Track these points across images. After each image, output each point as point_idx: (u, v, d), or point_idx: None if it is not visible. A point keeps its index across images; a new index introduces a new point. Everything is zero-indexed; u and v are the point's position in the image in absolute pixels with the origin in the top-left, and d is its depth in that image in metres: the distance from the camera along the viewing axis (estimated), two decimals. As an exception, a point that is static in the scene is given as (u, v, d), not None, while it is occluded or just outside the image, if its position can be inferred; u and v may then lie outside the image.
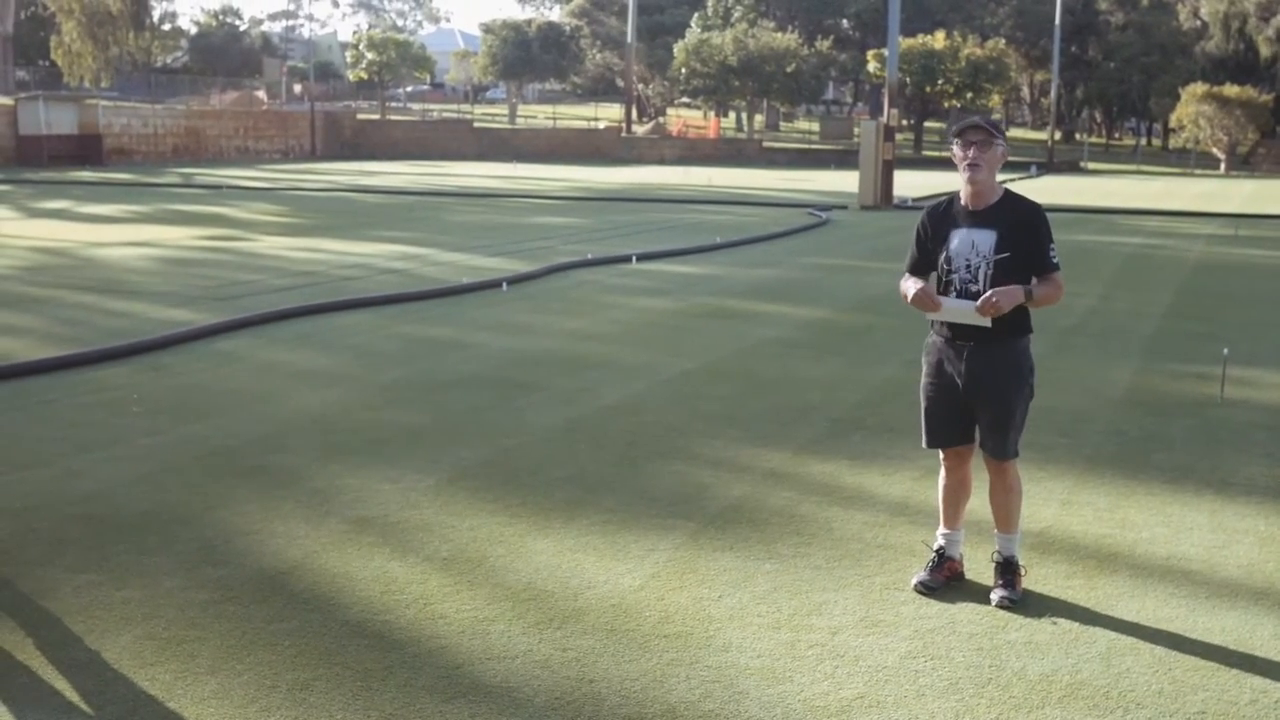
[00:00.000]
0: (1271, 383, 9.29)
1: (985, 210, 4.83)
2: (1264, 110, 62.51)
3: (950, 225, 4.89)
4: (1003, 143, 4.82)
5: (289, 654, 4.35)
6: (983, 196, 4.83)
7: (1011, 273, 4.74)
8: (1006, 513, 5.00)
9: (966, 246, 4.82)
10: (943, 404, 4.98)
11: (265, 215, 24.62)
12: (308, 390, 8.67)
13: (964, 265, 4.81)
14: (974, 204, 4.85)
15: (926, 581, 5.02)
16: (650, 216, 25.29)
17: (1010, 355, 4.85)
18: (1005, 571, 4.95)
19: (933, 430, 5.06)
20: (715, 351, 10.35)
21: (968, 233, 4.83)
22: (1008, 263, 4.75)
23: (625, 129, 67.53)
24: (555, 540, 5.58)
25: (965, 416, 4.96)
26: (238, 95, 70.42)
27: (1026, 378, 4.92)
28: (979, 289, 4.76)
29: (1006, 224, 4.79)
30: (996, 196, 4.85)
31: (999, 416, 4.88)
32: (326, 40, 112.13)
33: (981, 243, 4.79)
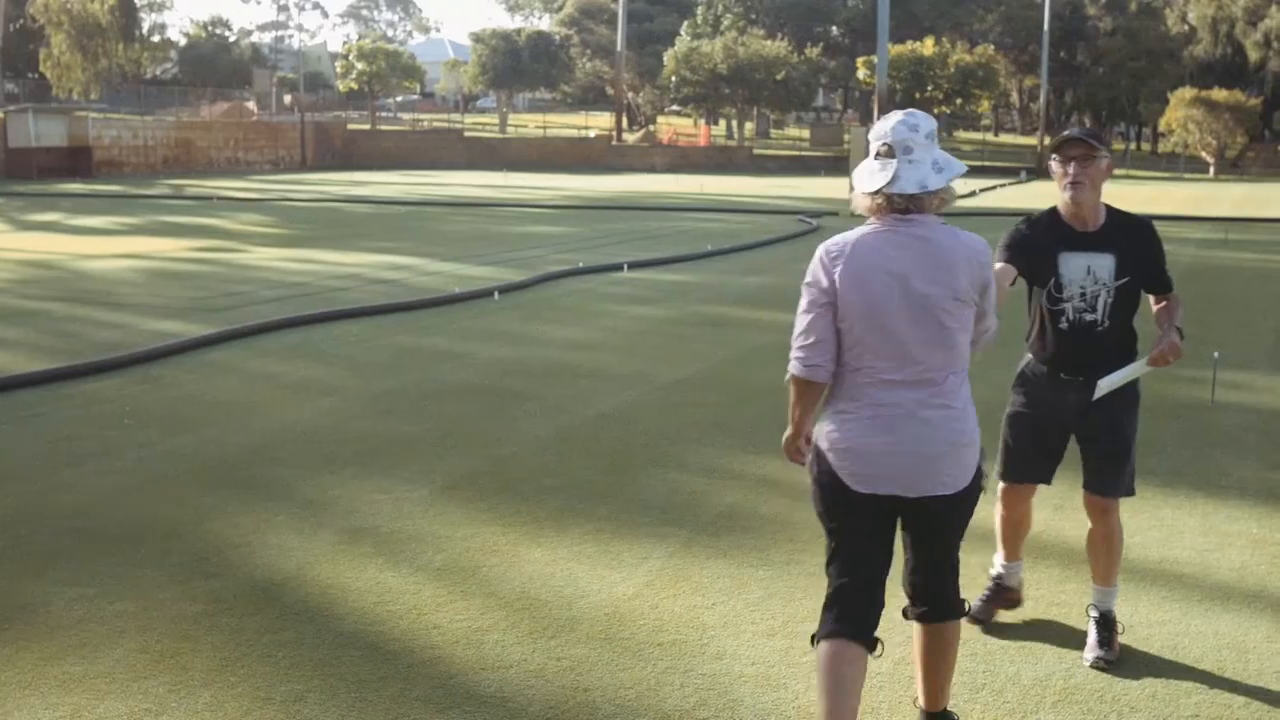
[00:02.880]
0: (1262, 386, 9.32)
1: (1097, 232, 4.37)
2: (1252, 114, 62.75)
3: (1057, 246, 4.37)
4: (1108, 155, 4.33)
5: (283, 665, 4.35)
6: (1090, 216, 4.37)
7: (1130, 298, 4.38)
8: (1108, 562, 4.49)
9: (1081, 272, 4.34)
10: (1032, 439, 4.55)
11: (256, 226, 24.60)
12: (300, 401, 8.66)
13: (1079, 293, 4.35)
14: (1081, 224, 4.37)
15: (978, 613, 4.68)
16: (641, 225, 25.31)
17: (1128, 385, 4.41)
18: (1102, 628, 4.45)
19: (1014, 464, 4.61)
20: (707, 359, 10.35)
21: (1082, 257, 4.34)
22: (1127, 288, 4.36)
23: (615, 137, 67.60)
24: (548, 549, 5.57)
25: (1054, 457, 4.58)
26: (228, 106, 70.36)
27: (1136, 406, 4.49)
28: (1095, 318, 4.35)
29: (1122, 245, 4.35)
30: (1104, 215, 4.40)
31: (1114, 451, 4.42)
32: (316, 51, 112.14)
33: (1100, 268, 4.33)
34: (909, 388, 3.41)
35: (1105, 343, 4.40)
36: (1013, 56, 76.84)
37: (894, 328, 3.40)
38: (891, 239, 3.44)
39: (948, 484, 3.44)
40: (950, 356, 3.43)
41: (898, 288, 3.39)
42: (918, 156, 3.41)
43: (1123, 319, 4.41)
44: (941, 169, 3.43)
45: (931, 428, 3.40)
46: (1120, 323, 4.41)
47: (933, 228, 3.44)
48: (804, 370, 3.51)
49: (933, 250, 3.41)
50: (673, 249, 19.60)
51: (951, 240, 3.44)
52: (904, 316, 3.39)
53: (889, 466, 3.42)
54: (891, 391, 3.42)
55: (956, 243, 3.44)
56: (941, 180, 3.43)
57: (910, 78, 65.31)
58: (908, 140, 3.42)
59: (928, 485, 3.43)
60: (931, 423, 3.40)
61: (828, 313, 3.50)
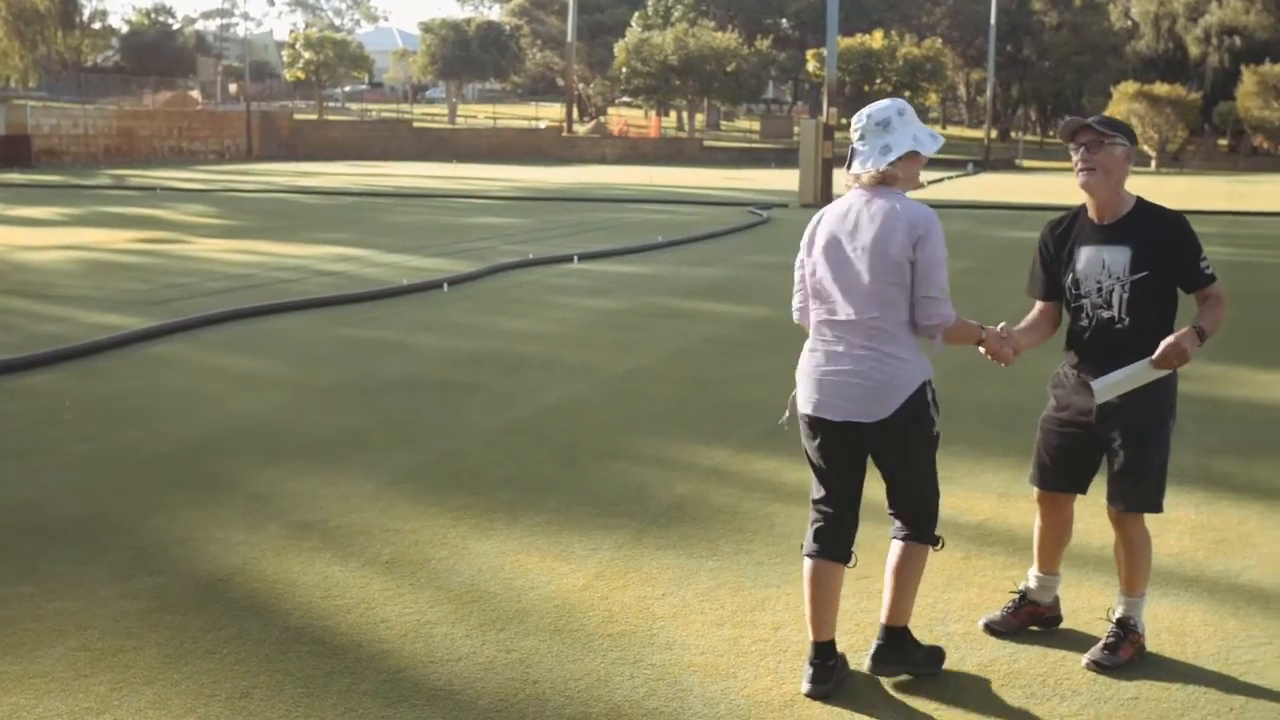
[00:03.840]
0: (1200, 375, 9.45)
1: (1115, 224, 4.23)
2: (1193, 108, 63.65)
3: (1076, 242, 4.30)
4: (1124, 143, 4.18)
5: (228, 662, 4.31)
6: (1108, 207, 4.23)
7: (1151, 295, 4.20)
8: (1128, 573, 4.36)
9: (1096, 266, 4.23)
10: (1059, 445, 4.41)
11: (200, 217, 24.33)
12: (246, 394, 8.59)
13: (1095, 288, 4.24)
14: (1100, 216, 4.26)
15: (996, 624, 4.54)
16: (592, 216, 25.29)
17: (1155, 390, 4.22)
18: (1116, 632, 4.35)
19: (1038, 468, 4.49)
20: (657, 351, 10.36)
21: (1097, 250, 4.24)
22: (1146, 283, 4.18)
23: (566, 128, 67.43)
24: (498, 542, 5.56)
25: (1080, 463, 4.41)
26: (171, 95, 69.47)
27: (1168, 418, 4.30)
28: (1112, 315, 4.22)
29: (1141, 239, 4.20)
30: (1128, 207, 4.24)
31: (1133, 460, 4.24)
32: (262, 39, 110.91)
33: (1113, 261, 4.20)
34: (844, 328, 4.03)
35: (1127, 342, 4.22)
36: (960, 50, 77.47)
37: (835, 276, 4.03)
38: (848, 206, 4.08)
39: (865, 414, 4.00)
40: (883, 307, 3.96)
41: (842, 244, 4.02)
42: (868, 143, 4.04)
43: (1147, 317, 4.22)
44: (890, 150, 3.99)
45: (853, 361, 4.00)
46: (1144, 321, 4.22)
47: (887, 196, 4.00)
48: (793, 315, 4.30)
49: (876, 215, 3.97)
50: (623, 240, 19.60)
51: (897, 208, 3.97)
52: (842, 268, 4.02)
53: (819, 391, 4.08)
54: (831, 329, 4.07)
55: (900, 211, 3.96)
56: (884, 161, 3.99)
57: (859, 70, 65.68)
58: (862, 129, 4.08)
59: (848, 411, 4.02)
60: (855, 359, 4.00)
61: (803, 266, 4.19)
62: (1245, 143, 71.11)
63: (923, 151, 4.03)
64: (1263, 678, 4.24)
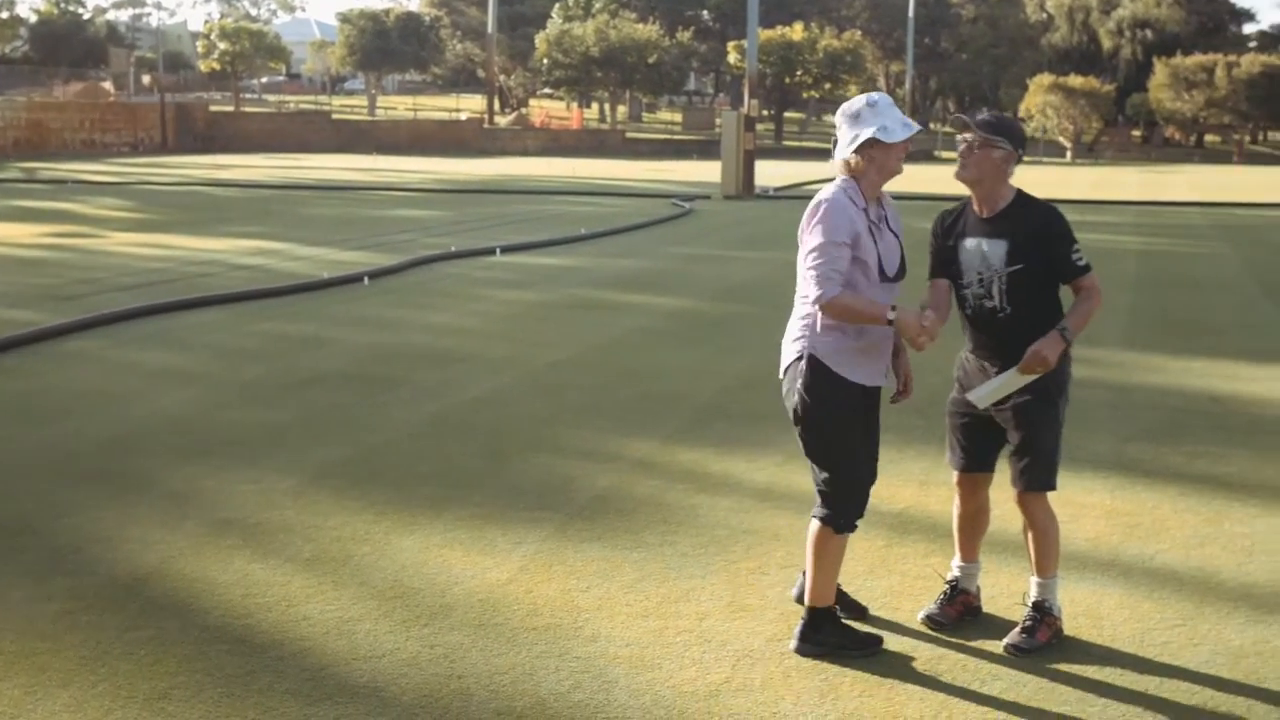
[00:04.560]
0: (1114, 362, 9.65)
1: (994, 217, 4.37)
2: (1107, 100, 64.91)
3: (961, 234, 4.45)
4: (1005, 146, 4.31)
5: (146, 663, 4.24)
6: (987, 202, 4.38)
7: (1029, 286, 4.32)
8: (1037, 554, 4.47)
9: (976, 258, 4.38)
10: (963, 425, 4.57)
11: (114, 211, 23.85)
12: (162, 391, 8.44)
13: (976, 279, 4.39)
14: (982, 210, 4.40)
15: (935, 615, 4.60)
16: (514, 208, 25.18)
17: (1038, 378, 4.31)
18: (1031, 615, 4.45)
19: (952, 448, 4.66)
20: (581, 343, 10.35)
21: (977, 243, 4.38)
22: (1023, 275, 4.32)
23: (487, 120, 67.07)
24: (421, 537, 5.52)
25: (987, 442, 4.55)
26: (83, 86, 67.96)
27: (1055, 398, 4.41)
28: (995, 304, 4.36)
29: (1017, 232, 4.32)
30: (1006, 201, 4.39)
31: (1022, 442, 4.39)
32: (176, 30, 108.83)
33: (992, 254, 4.34)
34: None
35: (1010, 331, 4.34)
36: (879, 42, 78.26)
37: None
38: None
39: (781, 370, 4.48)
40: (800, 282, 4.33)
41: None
42: (841, 134, 4.34)
43: (1029, 306, 4.33)
44: (856, 140, 4.26)
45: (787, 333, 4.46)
46: (1027, 310, 4.33)
47: (835, 185, 4.32)
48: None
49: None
50: (546, 233, 19.55)
51: (820, 195, 4.32)
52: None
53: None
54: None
55: (818, 198, 4.31)
56: (847, 150, 4.28)
57: (780, 62, 66.08)
58: (838, 122, 4.39)
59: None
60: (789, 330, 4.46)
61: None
62: (1157, 133, 72.66)
63: (885, 139, 4.21)
64: (1177, 658, 4.34)
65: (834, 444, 4.35)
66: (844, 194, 4.29)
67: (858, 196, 4.29)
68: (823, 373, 4.29)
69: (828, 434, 4.33)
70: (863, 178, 4.30)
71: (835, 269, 4.18)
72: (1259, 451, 7.08)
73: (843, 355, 4.30)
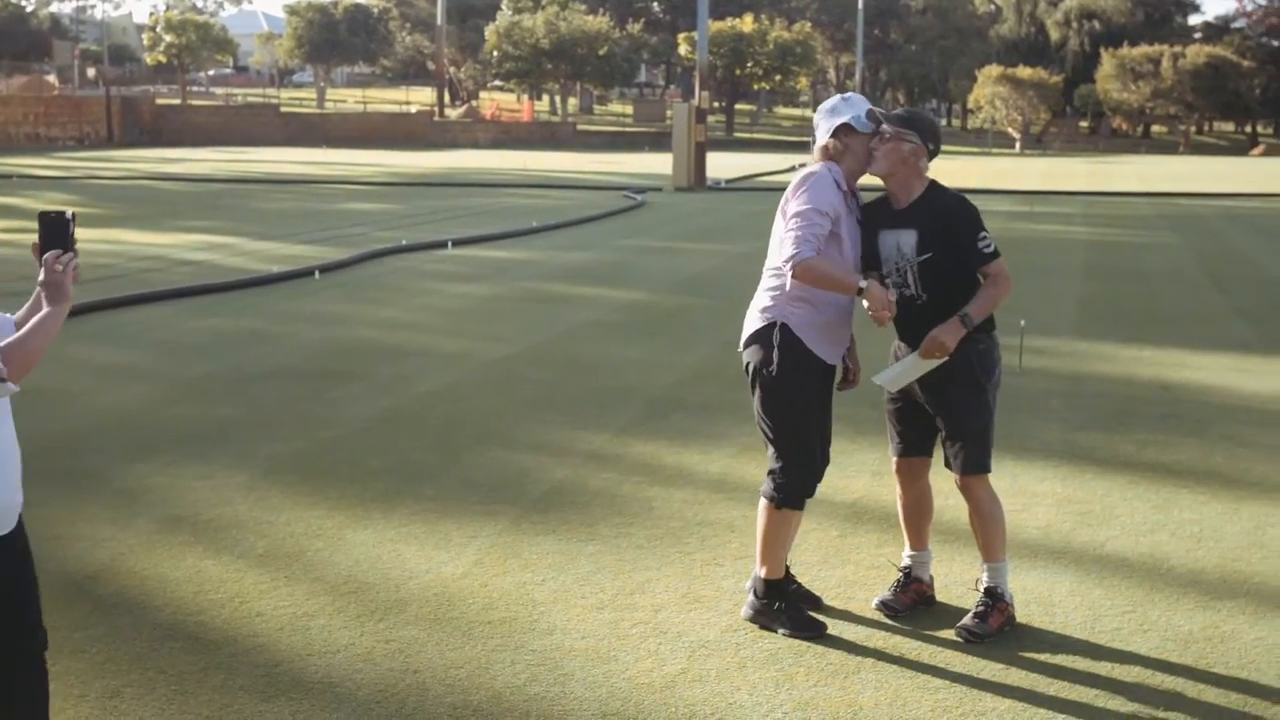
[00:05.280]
0: (1065, 351, 9.76)
1: (906, 208, 4.45)
2: (1055, 91, 65.49)
3: (878, 225, 4.51)
4: (913, 140, 4.39)
5: (97, 661, 4.19)
6: (899, 193, 4.47)
7: (942, 274, 4.40)
8: (981, 538, 4.54)
9: (892, 248, 4.45)
10: (897, 410, 4.64)
11: (59, 205, 23.49)
12: (110, 387, 8.34)
13: (894, 269, 4.46)
14: (896, 201, 4.49)
15: (889, 602, 4.63)
16: (465, 201, 25.08)
17: (963, 357, 4.39)
18: (983, 601, 4.50)
19: (890, 436, 4.73)
20: (533, 336, 10.33)
21: (892, 234, 4.46)
22: (934, 263, 4.39)
23: (438, 113, 66.75)
24: (375, 531, 5.50)
25: (921, 427, 4.60)
26: (26, 80, 66.88)
27: (981, 382, 4.46)
28: (912, 293, 4.42)
29: (926, 222, 4.41)
30: (919, 192, 4.46)
31: (950, 427, 4.49)
32: (121, 22, 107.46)
33: (904, 244, 4.42)
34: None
35: (929, 318, 4.39)
36: (829, 34, 78.56)
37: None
38: None
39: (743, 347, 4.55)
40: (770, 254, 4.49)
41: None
42: (818, 127, 4.54)
43: (944, 294, 4.39)
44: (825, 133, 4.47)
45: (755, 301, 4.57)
46: (943, 298, 4.39)
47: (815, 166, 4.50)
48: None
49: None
50: (497, 225, 19.48)
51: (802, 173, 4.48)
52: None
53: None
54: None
55: (800, 174, 4.48)
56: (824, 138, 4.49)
57: (731, 54, 66.20)
58: (816, 119, 4.60)
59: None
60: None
61: None
62: (1105, 124, 73.46)
63: (857, 127, 4.42)
64: (1128, 644, 4.39)
65: (792, 415, 4.44)
66: (830, 173, 4.43)
67: (841, 179, 4.44)
68: (793, 343, 4.39)
69: (787, 405, 4.43)
70: (841, 163, 4.45)
71: (814, 234, 4.29)
72: (1208, 440, 7.18)
73: (812, 329, 4.41)
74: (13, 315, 3.25)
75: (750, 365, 4.50)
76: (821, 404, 4.52)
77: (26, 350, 2.94)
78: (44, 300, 3.04)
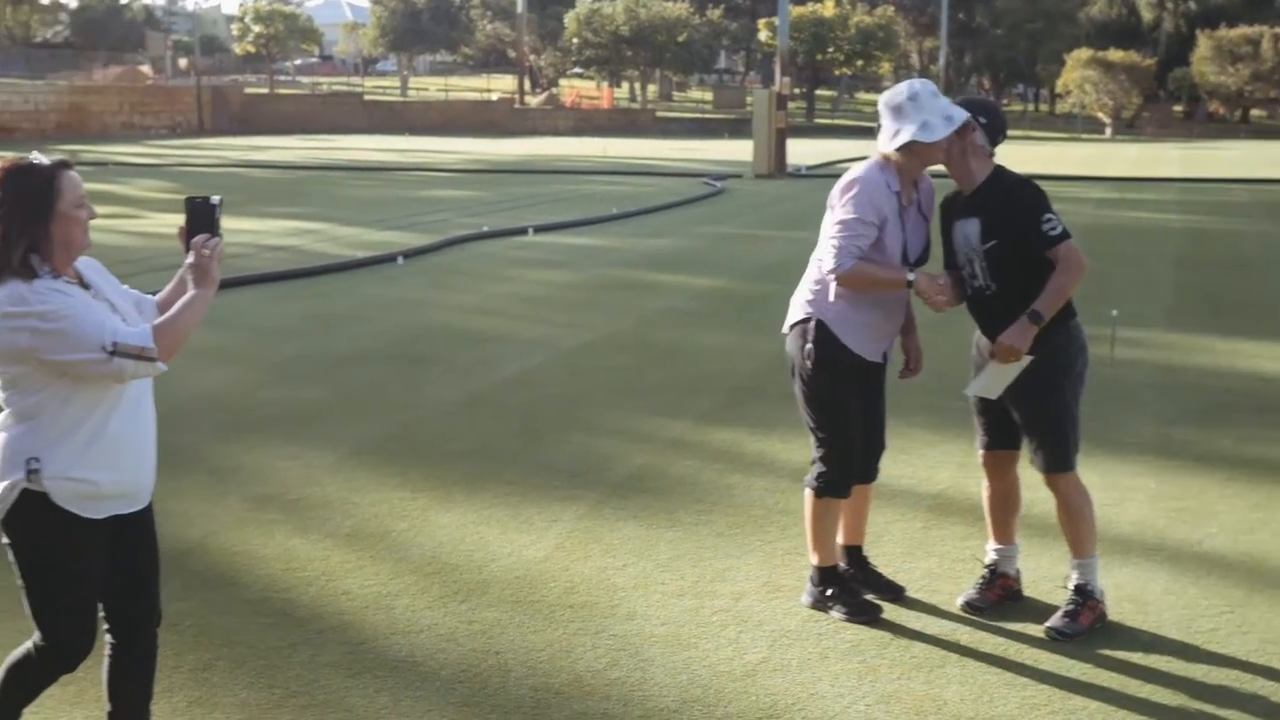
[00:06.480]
0: (1159, 343, 9.55)
1: (971, 197, 4.36)
2: (1147, 74, 63.95)
3: (951, 217, 4.44)
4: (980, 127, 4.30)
5: (190, 634, 4.28)
6: (963, 182, 4.38)
7: (1008, 261, 4.26)
8: (1069, 535, 4.44)
9: (962, 239, 4.36)
10: (981, 403, 4.51)
11: (153, 192, 24.01)
12: (203, 369, 8.49)
13: (965, 260, 4.36)
14: (962, 191, 4.40)
15: (974, 601, 4.53)
16: (546, 188, 25.17)
17: (1040, 350, 4.24)
18: (1072, 599, 4.39)
19: (977, 428, 4.62)
20: (614, 322, 10.35)
21: (961, 224, 4.38)
22: (999, 252, 4.27)
23: (518, 100, 66.99)
24: (458, 514, 5.55)
25: (1008, 420, 4.45)
26: (121, 70, 68.34)
27: (1057, 379, 4.33)
28: (981, 283, 4.32)
29: (989, 208, 4.30)
30: (982, 179, 4.35)
31: (1031, 423, 4.39)
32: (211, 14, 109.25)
33: (970, 233, 4.33)
34: None
35: (1000, 308, 4.29)
36: (912, 18, 77.51)
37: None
38: None
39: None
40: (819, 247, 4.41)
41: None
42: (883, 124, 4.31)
43: (1013, 283, 4.26)
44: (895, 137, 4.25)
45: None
46: (1013, 287, 4.26)
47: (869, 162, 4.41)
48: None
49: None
50: (577, 212, 19.53)
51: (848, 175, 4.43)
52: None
53: None
54: None
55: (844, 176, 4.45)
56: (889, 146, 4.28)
57: (811, 40, 65.56)
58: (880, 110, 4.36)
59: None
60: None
61: None
62: (1200, 109, 71.64)
63: (925, 139, 4.18)
64: (1225, 646, 4.27)
65: (828, 408, 4.46)
66: (880, 173, 4.33)
67: (893, 179, 4.33)
68: (826, 336, 4.41)
69: (822, 395, 4.45)
70: (905, 166, 4.35)
71: (857, 244, 4.26)
72: (1303, 432, 6.98)
73: (846, 324, 4.40)
74: (154, 296, 3.34)
75: (789, 357, 4.54)
76: (862, 397, 4.49)
77: (175, 331, 3.03)
78: (190, 283, 3.11)
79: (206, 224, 3.17)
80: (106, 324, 2.95)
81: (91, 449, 3.02)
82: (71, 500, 3.01)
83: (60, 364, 2.93)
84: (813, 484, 4.51)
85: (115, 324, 2.98)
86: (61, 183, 3.02)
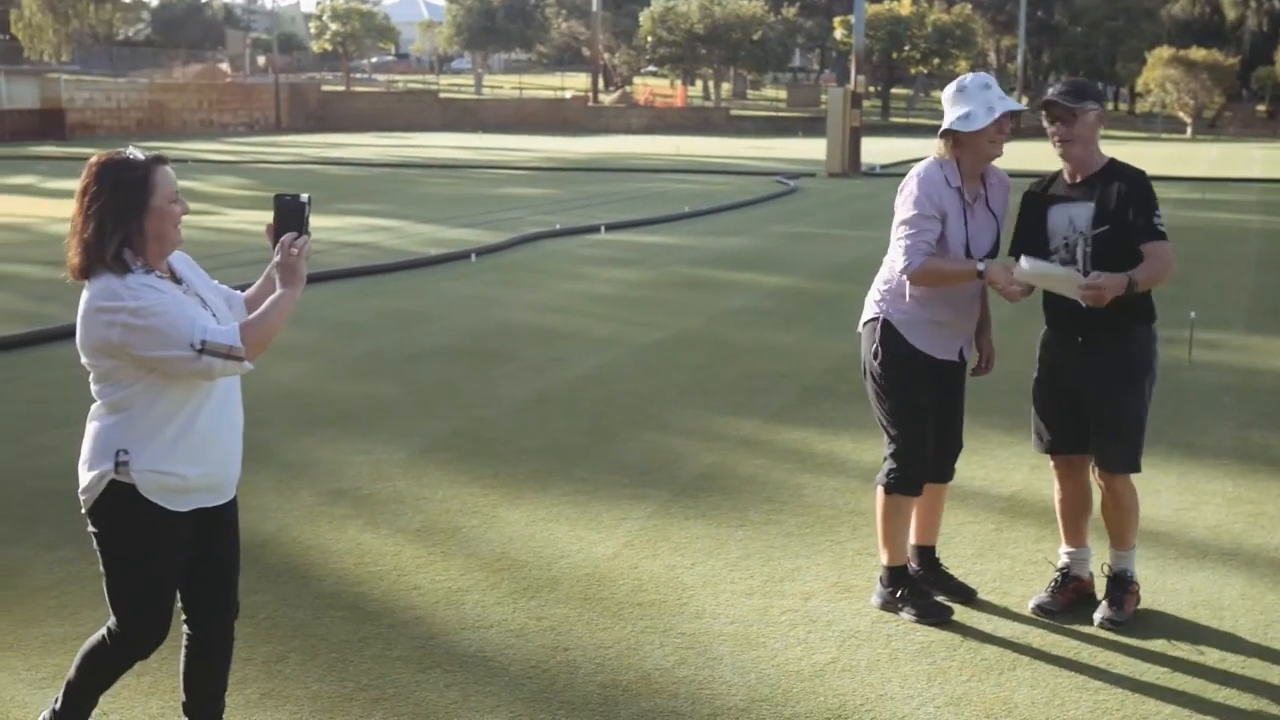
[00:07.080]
0: (1239, 345, 9.38)
1: (1084, 182, 4.34)
2: (1230, 73, 62.71)
3: (1049, 202, 4.40)
4: (1095, 107, 4.30)
5: (264, 626, 4.35)
6: (1081, 168, 4.36)
7: (1114, 249, 4.23)
8: (1117, 529, 4.50)
9: (1063, 222, 4.33)
10: (1050, 405, 4.52)
11: (232, 189, 24.42)
12: (278, 364, 8.61)
13: (1062, 244, 4.33)
14: (1072, 176, 4.39)
15: (1046, 604, 4.51)
16: (618, 186, 25.23)
17: (1123, 348, 4.32)
18: (1114, 587, 4.47)
19: (1039, 433, 4.60)
20: (685, 320, 10.35)
21: (1065, 207, 4.34)
22: (1108, 238, 4.24)
23: (592, 98, 67.22)
24: (528, 510, 5.58)
25: (1076, 420, 4.45)
26: (201, 68, 69.63)
27: (1140, 377, 4.37)
28: (1080, 269, 4.27)
29: (1105, 194, 4.28)
30: (1098, 166, 4.36)
31: (1104, 422, 4.37)
32: (289, 12, 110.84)
33: (1078, 217, 4.30)
34: None
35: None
36: (990, 16, 76.59)
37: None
38: None
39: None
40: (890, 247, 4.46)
41: None
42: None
43: (1113, 270, 4.21)
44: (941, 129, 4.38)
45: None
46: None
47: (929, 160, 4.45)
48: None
49: None
50: (650, 210, 19.56)
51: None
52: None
53: None
54: None
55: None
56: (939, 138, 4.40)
57: (887, 38, 65.08)
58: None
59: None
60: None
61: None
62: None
63: (962, 129, 4.26)
64: (1300, 650, 4.20)
65: (897, 405, 4.46)
66: (939, 170, 4.37)
67: (953, 175, 4.34)
68: (892, 336, 4.44)
69: (892, 394, 4.47)
70: (961, 159, 4.37)
71: (923, 240, 4.30)
72: (1388, 438, 6.81)
73: (914, 324, 4.41)
74: (242, 293, 3.40)
75: (862, 355, 4.60)
76: (935, 395, 4.48)
77: (262, 330, 3.08)
78: (278, 282, 3.16)
79: (295, 222, 3.20)
80: (197, 321, 2.99)
81: (180, 444, 3.08)
82: (158, 493, 3.07)
83: (150, 360, 2.98)
84: (883, 481, 4.51)
85: (205, 321, 3.02)
86: (156, 177, 3.07)
